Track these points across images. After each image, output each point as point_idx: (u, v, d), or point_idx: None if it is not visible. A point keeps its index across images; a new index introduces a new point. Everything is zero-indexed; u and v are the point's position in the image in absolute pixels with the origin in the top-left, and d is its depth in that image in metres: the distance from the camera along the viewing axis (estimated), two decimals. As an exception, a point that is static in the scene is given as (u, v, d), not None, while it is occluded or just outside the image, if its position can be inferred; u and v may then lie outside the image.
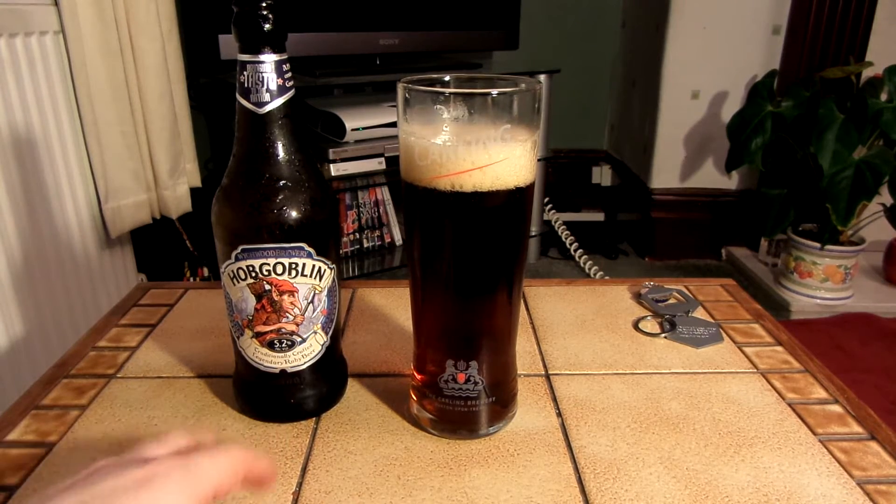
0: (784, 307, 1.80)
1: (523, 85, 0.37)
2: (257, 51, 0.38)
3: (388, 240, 1.85)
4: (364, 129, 1.62)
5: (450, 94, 0.36)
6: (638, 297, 0.65)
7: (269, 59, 0.39)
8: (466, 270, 0.40)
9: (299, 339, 0.43)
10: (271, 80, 0.39)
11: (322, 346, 0.44)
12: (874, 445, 0.43)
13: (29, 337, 1.06)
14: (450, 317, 0.42)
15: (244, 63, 0.39)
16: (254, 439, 0.43)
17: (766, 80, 1.79)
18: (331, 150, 1.59)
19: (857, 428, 0.45)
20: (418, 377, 0.45)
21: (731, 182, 2.10)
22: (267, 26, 0.38)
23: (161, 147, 1.32)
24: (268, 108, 0.39)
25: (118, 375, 0.51)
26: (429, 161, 0.37)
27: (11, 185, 1.02)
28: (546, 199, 2.09)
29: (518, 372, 0.46)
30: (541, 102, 0.38)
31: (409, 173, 0.38)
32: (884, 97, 1.63)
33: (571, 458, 0.42)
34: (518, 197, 0.38)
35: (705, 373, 0.52)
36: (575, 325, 0.60)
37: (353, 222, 1.80)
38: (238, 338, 0.44)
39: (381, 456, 0.42)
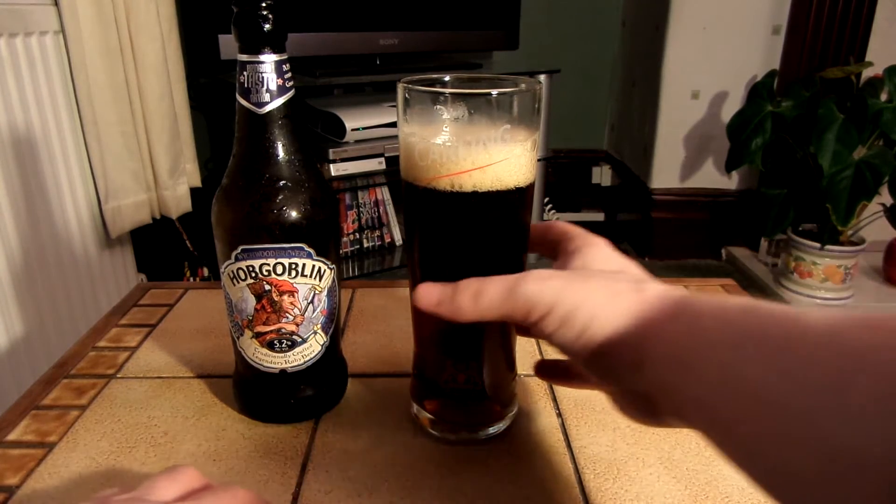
0: (784, 307, 1.80)
1: (523, 85, 0.37)
2: (257, 51, 0.38)
3: (388, 240, 1.85)
4: (364, 129, 1.62)
5: (450, 94, 0.36)
6: (638, 297, 0.65)
7: (269, 60, 0.39)
8: (466, 270, 0.40)
9: (299, 340, 0.43)
10: (271, 80, 0.39)
11: (322, 346, 0.44)
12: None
13: (29, 337, 1.06)
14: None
15: (244, 63, 0.39)
16: (254, 439, 0.43)
17: (766, 80, 1.80)
18: (331, 150, 1.59)
19: (857, 428, 0.45)
20: (418, 377, 0.45)
21: (731, 182, 2.10)
22: (267, 26, 0.38)
23: (161, 147, 1.32)
24: (268, 108, 0.39)
25: (118, 375, 0.51)
26: (429, 161, 0.37)
27: (11, 185, 1.02)
28: (546, 199, 2.09)
29: (518, 372, 0.46)
30: (541, 102, 0.38)
31: (409, 173, 0.38)
32: (884, 97, 1.63)
33: (571, 458, 0.42)
34: (518, 197, 0.38)
35: (705, 373, 0.52)
36: (575, 325, 0.59)
37: (353, 222, 1.80)
38: (238, 338, 0.44)
39: (381, 456, 0.42)
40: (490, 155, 0.36)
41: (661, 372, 0.28)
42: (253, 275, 0.41)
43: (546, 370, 0.40)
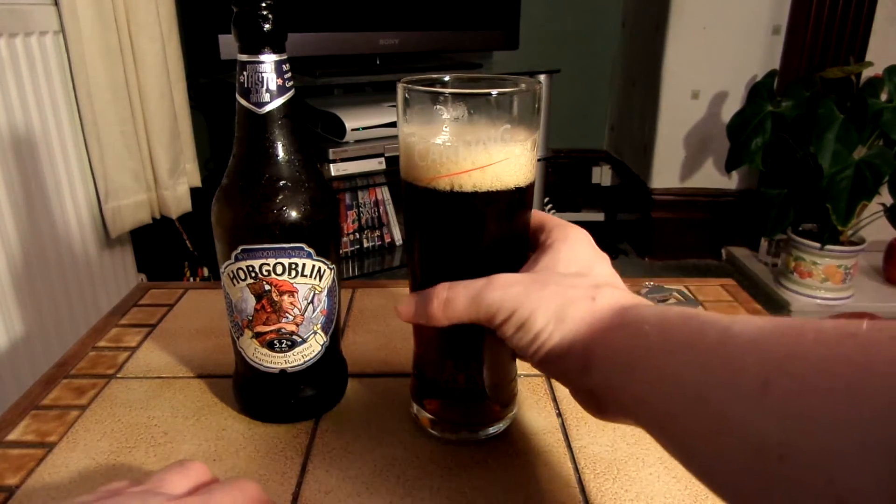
0: (784, 307, 1.80)
1: (523, 85, 0.37)
2: (257, 51, 0.38)
3: (388, 240, 1.85)
4: (364, 129, 1.62)
5: (449, 94, 0.36)
6: (638, 297, 0.65)
7: (268, 60, 0.39)
8: (466, 271, 0.40)
9: (299, 340, 0.43)
10: (271, 80, 0.39)
11: (322, 346, 0.44)
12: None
13: (29, 337, 1.06)
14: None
15: (244, 63, 0.39)
16: (254, 439, 0.43)
17: (766, 80, 1.80)
18: (331, 150, 1.59)
19: (856, 428, 0.45)
20: (418, 377, 0.45)
21: (731, 182, 2.10)
22: (267, 26, 0.38)
23: (161, 147, 1.32)
24: (268, 108, 0.39)
25: (118, 375, 0.51)
26: (429, 161, 0.37)
27: (11, 185, 1.02)
28: (546, 199, 2.09)
29: (518, 372, 0.46)
30: (541, 102, 0.38)
31: (409, 173, 0.38)
32: (884, 97, 1.63)
33: (571, 458, 0.42)
34: (518, 197, 0.38)
35: (705, 373, 0.52)
36: (575, 325, 0.59)
37: (353, 222, 1.80)
38: (238, 338, 0.44)
39: (380, 456, 0.42)
40: (490, 155, 0.36)
41: (606, 374, 0.31)
42: (253, 275, 0.41)
43: None
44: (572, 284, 0.34)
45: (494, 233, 0.39)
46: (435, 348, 0.43)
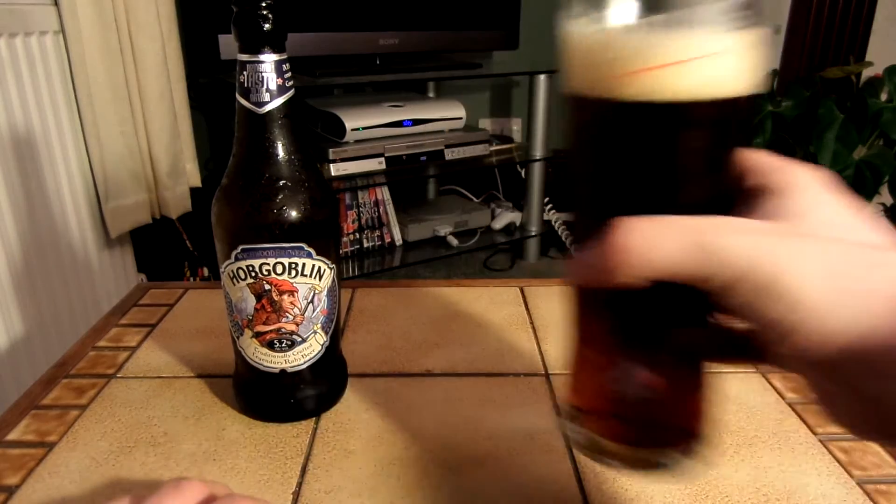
0: (784, 307, 1.80)
1: None
2: (257, 51, 0.38)
3: (388, 240, 1.85)
4: (364, 129, 1.62)
5: None
6: (638, 297, 0.65)
7: (268, 59, 0.39)
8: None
9: (299, 339, 0.43)
10: (271, 79, 0.39)
11: (322, 346, 0.44)
12: (874, 445, 0.43)
13: (29, 337, 1.06)
14: (633, 295, 0.24)
15: (244, 63, 0.39)
16: (254, 439, 0.43)
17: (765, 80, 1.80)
18: (331, 150, 1.59)
19: (857, 428, 0.45)
20: (578, 380, 0.30)
21: (731, 182, 2.10)
22: (267, 26, 0.38)
23: (161, 147, 1.32)
24: (267, 107, 0.39)
25: (118, 375, 0.51)
26: (610, 55, 0.24)
27: (11, 185, 1.02)
28: (546, 199, 2.09)
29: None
30: None
31: (580, 76, 0.26)
32: (884, 97, 1.63)
33: (571, 458, 0.42)
34: (732, 111, 0.25)
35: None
36: (575, 325, 0.59)
37: (353, 222, 1.80)
38: (238, 338, 0.44)
39: (380, 456, 0.42)
40: (699, 45, 0.23)
41: None
42: (253, 274, 0.41)
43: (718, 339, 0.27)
44: (852, 244, 0.22)
45: (700, 162, 0.26)
46: (602, 337, 0.29)
